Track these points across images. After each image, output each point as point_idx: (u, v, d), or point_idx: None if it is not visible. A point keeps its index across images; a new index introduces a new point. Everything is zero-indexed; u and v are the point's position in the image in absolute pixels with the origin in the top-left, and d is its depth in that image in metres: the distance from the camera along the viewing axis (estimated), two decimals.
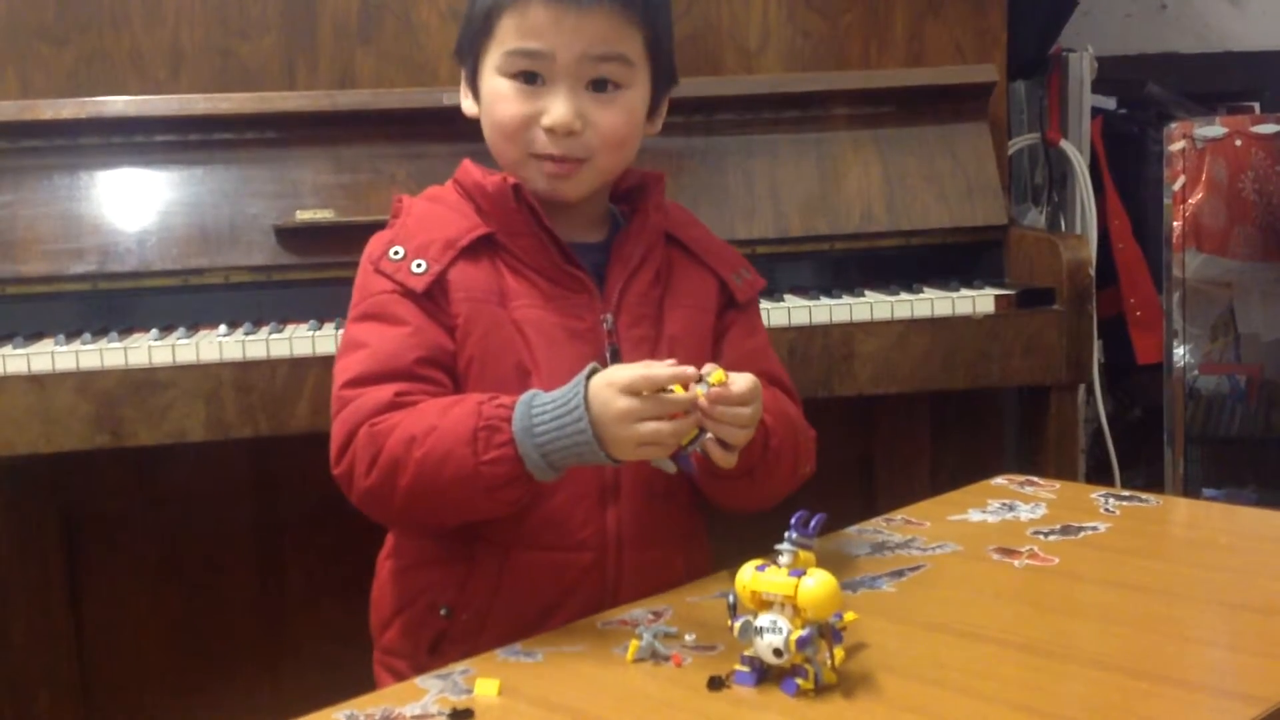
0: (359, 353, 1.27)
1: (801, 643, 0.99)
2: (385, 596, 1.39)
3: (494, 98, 1.32)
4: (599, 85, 1.31)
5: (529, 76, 1.30)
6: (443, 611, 1.31)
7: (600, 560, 1.29)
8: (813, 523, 1.05)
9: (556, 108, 1.29)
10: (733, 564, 1.08)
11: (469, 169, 1.37)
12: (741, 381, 1.18)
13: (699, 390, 1.16)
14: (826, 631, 1.02)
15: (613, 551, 1.30)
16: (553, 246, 1.32)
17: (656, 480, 1.30)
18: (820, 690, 1.00)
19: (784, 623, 1.01)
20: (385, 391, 1.23)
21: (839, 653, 1.02)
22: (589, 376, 1.18)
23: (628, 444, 1.16)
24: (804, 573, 1.01)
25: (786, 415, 1.35)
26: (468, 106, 1.40)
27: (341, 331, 1.36)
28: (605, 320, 1.32)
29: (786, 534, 1.04)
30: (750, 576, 1.03)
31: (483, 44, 1.33)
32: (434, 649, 1.31)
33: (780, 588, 1.01)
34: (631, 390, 1.15)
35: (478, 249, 1.31)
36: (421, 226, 1.33)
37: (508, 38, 1.30)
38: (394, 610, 1.36)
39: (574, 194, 1.34)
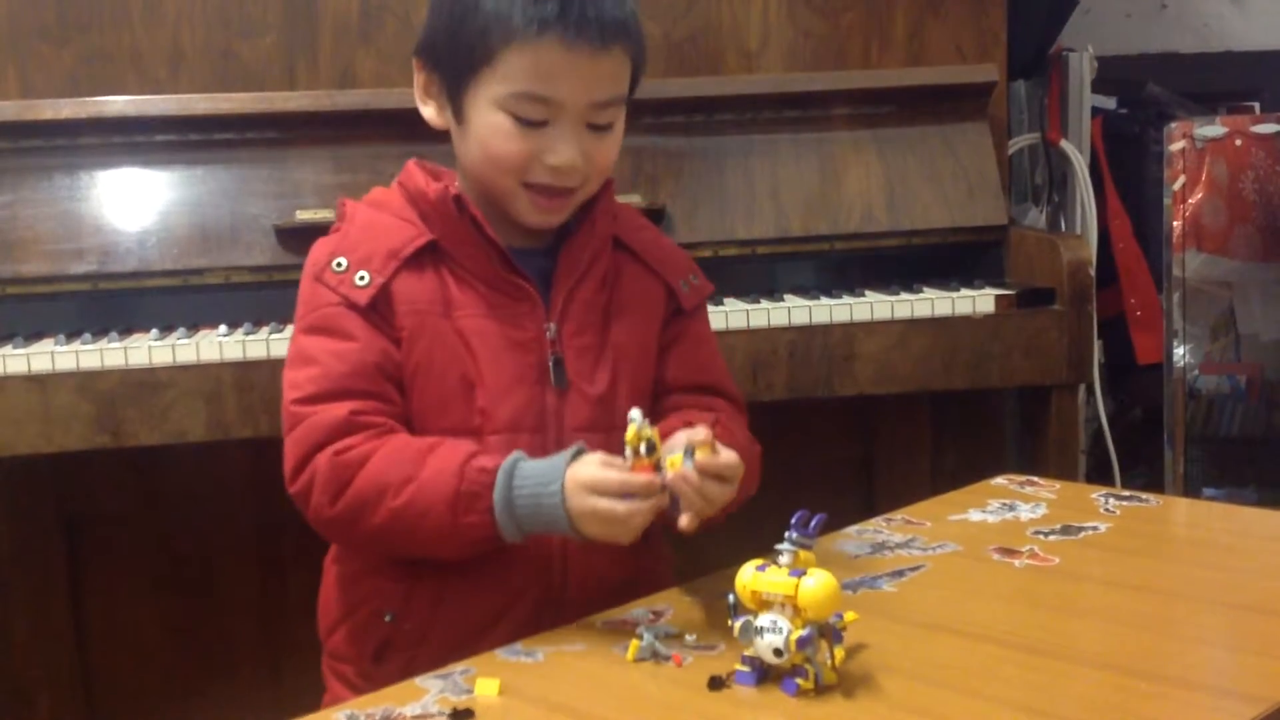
0: (310, 369, 1.26)
1: (802, 642, 0.99)
2: (331, 601, 1.38)
3: (492, 132, 1.26)
4: (596, 124, 1.28)
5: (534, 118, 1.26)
6: (387, 618, 1.30)
7: (546, 562, 1.29)
8: (813, 523, 1.05)
9: (564, 150, 1.26)
10: (732, 564, 1.08)
11: (413, 173, 1.34)
12: (728, 455, 1.16)
13: (683, 464, 1.14)
14: (827, 631, 1.02)
15: (558, 552, 1.29)
16: (495, 255, 1.29)
17: None
18: (820, 690, 1.00)
19: (784, 622, 1.01)
20: (340, 409, 1.23)
21: (839, 652, 1.02)
22: (573, 457, 1.17)
23: (594, 533, 1.17)
24: (804, 573, 1.01)
25: (747, 454, 1.30)
26: (431, 115, 1.34)
27: (290, 340, 1.33)
28: (549, 329, 1.30)
29: (787, 534, 1.05)
30: (750, 576, 1.03)
31: (478, 70, 1.26)
32: (379, 656, 1.30)
33: (780, 587, 1.01)
34: (599, 491, 1.14)
35: (422, 257, 1.29)
36: (365, 235, 1.30)
37: (516, 77, 1.24)
38: (340, 615, 1.36)
39: (560, 222, 1.32)
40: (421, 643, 1.28)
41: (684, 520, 1.16)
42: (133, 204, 1.97)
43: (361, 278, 1.27)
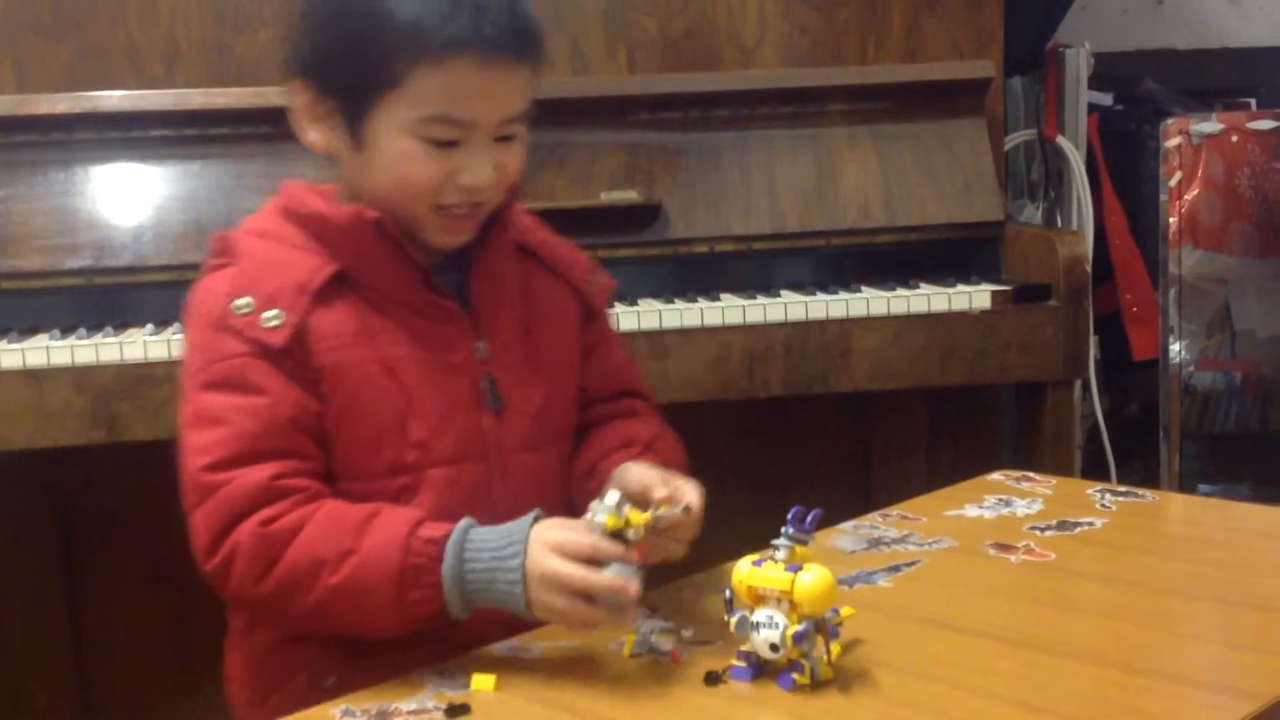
0: (218, 430, 1.13)
1: (798, 638, 0.99)
2: (253, 676, 1.26)
3: (400, 157, 1.16)
4: (504, 136, 1.19)
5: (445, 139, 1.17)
6: (330, 681, 1.16)
7: None
8: (809, 518, 1.05)
9: (479, 169, 1.17)
10: (728, 560, 1.08)
11: (304, 199, 1.21)
12: (696, 506, 1.12)
13: (648, 519, 1.08)
14: (823, 627, 1.02)
15: None
16: (417, 277, 1.20)
17: (548, 515, 1.18)
18: (816, 685, 1.00)
19: (780, 618, 1.01)
20: (258, 474, 1.11)
21: (835, 647, 1.02)
22: (531, 524, 1.09)
23: (552, 607, 1.07)
24: (800, 568, 1.01)
25: (681, 460, 1.29)
26: (317, 140, 1.21)
27: (182, 396, 1.18)
28: (478, 349, 1.21)
29: (783, 529, 1.05)
30: (747, 571, 1.03)
31: (383, 92, 1.15)
32: None
33: (777, 583, 1.01)
34: (567, 555, 1.05)
35: (329, 288, 1.17)
36: (263, 270, 1.17)
37: (428, 100, 1.14)
38: (266, 690, 1.23)
39: (469, 239, 1.23)
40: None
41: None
42: (128, 199, 1.97)
43: (272, 317, 1.14)
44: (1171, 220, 2.49)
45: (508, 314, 1.25)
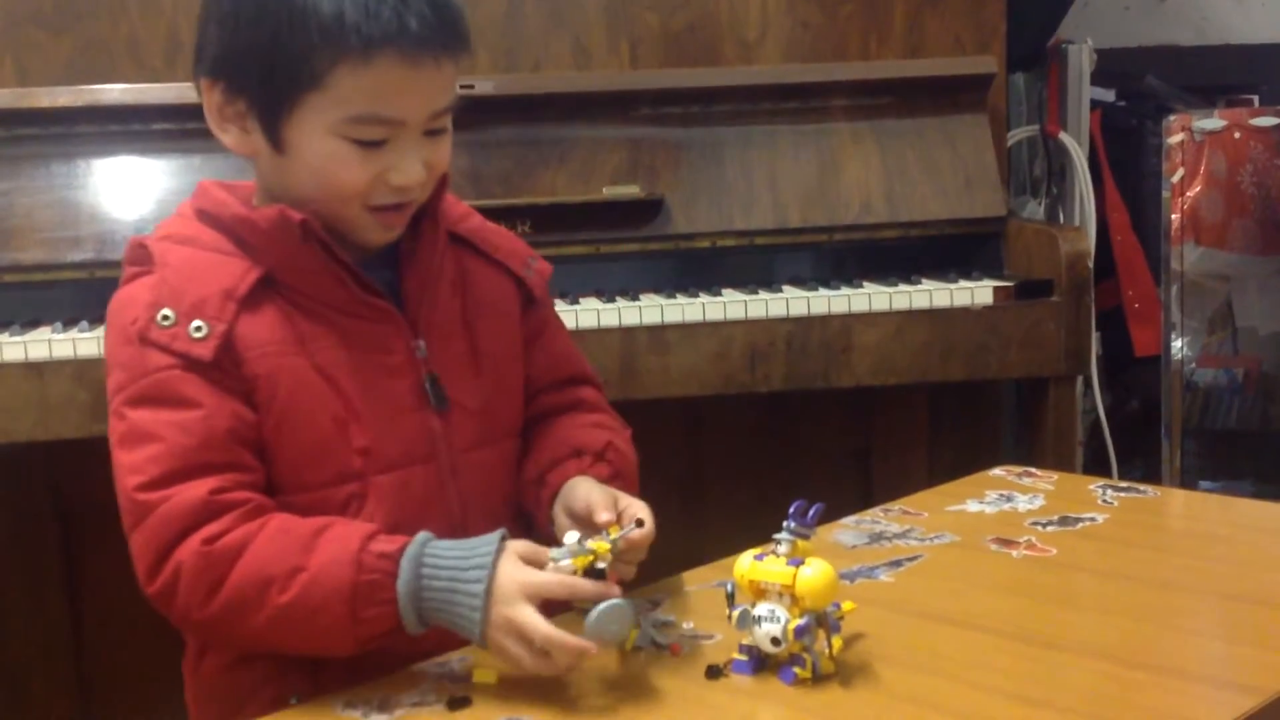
0: (150, 447, 1.08)
1: (799, 631, 0.99)
2: (213, 698, 1.21)
3: (328, 160, 1.12)
4: (432, 130, 1.16)
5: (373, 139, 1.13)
6: (294, 700, 1.11)
7: None
8: (811, 513, 1.05)
9: (409, 168, 1.13)
10: (730, 554, 1.08)
11: (221, 200, 1.17)
12: (649, 522, 1.09)
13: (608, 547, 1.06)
14: (824, 621, 1.02)
15: None
16: (347, 278, 1.15)
17: (501, 512, 1.22)
18: (818, 679, 1.00)
19: (782, 612, 1.01)
20: (196, 490, 1.06)
21: (837, 641, 1.02)
22: (498, 547, 1.04)
23: (498, 652, 1.03)
24: (802, 562, 1.01)
25: (632, 461, 1.26)
26: (233, 142, 1.16)
27: (110, 414, 1.13)
28: (417, 348, 1.17)
29: (785, 524, 1.05)
30: (748, 566, 1.03)
31: (303, 94, 1.10)
32: None
33: (778, 577, 1.01)
34: (539, 594, 1.01)
35: (256, 294, 1.13)
36: (186, 279, 1.12)
37: (354, 100, 1.09)
38: (226, 711, 1.18)
39: (399, 234, 1.19)
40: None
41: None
42: (130, 192, 1.96)
43: (198, 328, 1.10)
44: (1174, 216, 2.49)
45: (445, 308, 1.22)
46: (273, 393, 1.12)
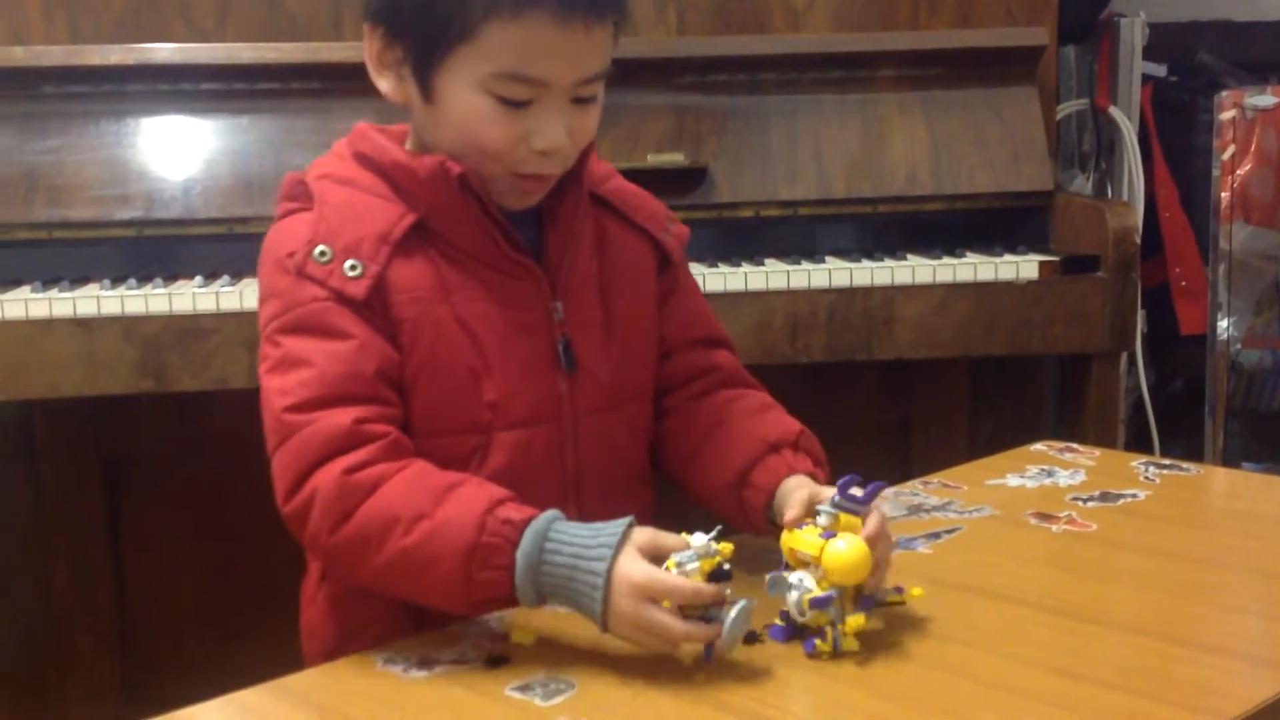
0: (301, 371, 1.11)
1: (816, 603, 0.99)
2: (324, 628, 1.25)
3: (473, 115, 1.13)
4: (579, 98, 1.16)
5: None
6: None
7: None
8: (868, 490, 1.04)
9: (551, 133, 1.13)
10: None
11: (382, 145, 1.19)
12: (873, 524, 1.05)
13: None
14: (853, 597, 1.01)
15: (573, 500, 1.20)
16: (496, 231, 1.17)
17: (616, 476, 1.23)
18: (837, 655, 0.99)
19: (810, 582, 1.01)
20: (341, 417, 1.09)
21: (853, 620, 1.00)
22: (625, 533, 1.02)
23: (632, 638, 1.01)
24: (834, 535, 1.01)
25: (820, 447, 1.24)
26: (388, 89, 1.19)
27: (263, 342, 1.17)
28: (555, 310, 1.19)
29: (833, 496, 1.04)
30: (790, 533, 1.04)
31: (455, 46, 1.12)
32: None
33: (810, 547, 1.02)
34: (652, 595, 0.99)
35: (409, 239, 1.16)
36: (344, 219, 1.15)
37: (502, 56, 1.11)
38: (336, 643, 1.21)
39: (538, 200, 1.21)
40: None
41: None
42: (178, 152, 1.98)
43: (353, 267, 1.13)
44: (1223, 195, 2.47)
45: (583, 270, 1.23)
46: (415, 338, 1.15)
